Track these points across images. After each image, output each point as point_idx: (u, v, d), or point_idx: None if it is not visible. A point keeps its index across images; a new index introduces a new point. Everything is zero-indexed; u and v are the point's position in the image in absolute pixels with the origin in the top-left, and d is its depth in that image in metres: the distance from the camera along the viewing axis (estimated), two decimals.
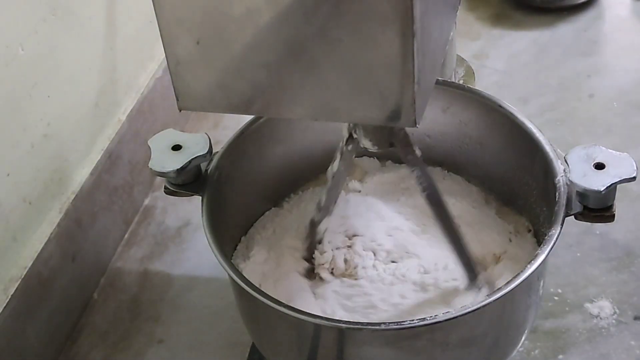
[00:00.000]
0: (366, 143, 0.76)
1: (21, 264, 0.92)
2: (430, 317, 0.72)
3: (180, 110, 0.71)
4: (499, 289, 0.73)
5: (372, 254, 0.87)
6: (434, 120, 0.93)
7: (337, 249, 0.88)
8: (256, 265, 0.89)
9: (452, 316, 0.71)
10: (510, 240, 0.90)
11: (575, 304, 0.96)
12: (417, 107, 0.64)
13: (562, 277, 0.98)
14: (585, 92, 1.24)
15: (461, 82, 1.21)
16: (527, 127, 0.86)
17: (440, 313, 0.72)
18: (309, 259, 0.88)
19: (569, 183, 0.79)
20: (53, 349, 0.97)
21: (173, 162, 0.83)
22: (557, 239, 0.75)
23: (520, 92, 1.24)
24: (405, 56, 0.61)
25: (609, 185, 0.76)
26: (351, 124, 0.76)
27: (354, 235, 0.89)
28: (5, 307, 0.88)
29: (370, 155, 0.98)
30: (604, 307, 0.95)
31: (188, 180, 0.85)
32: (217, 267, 0.78)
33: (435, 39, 0.69)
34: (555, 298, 0.97)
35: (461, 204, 0.93)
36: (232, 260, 0.86)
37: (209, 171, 0.85)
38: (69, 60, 0.97)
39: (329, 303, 0.84)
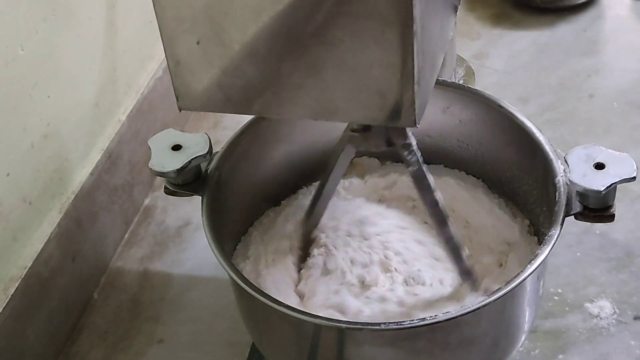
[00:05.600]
0: (365, 145, 0.76)
1: (21, 264, 0.92)
2: (430, 317, 0.72)
3: (180, 110, 0.71)
4: (499, 289, 0.73)
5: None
6: (434, 120, 0.93)
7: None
8: (254, 264, 0.89)
9: (452, 316, 0.71)
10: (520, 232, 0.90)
11: (575, 304, 0.96)
12: (417, 107, 0.64)
13: (562, 277, 0.98)
14: (585, 92, 1.24)
15: (461, 82, 1.21)
16: (527, 127, 0.86)
17: (440, 313, 0.72)
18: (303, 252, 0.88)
19: (569, 183, 0.79)
20: (53, 349, 0.97)
21: (173, 162, 0.83)
22: (557, 239, 0.75)
23: (520, 92, 1.24)
24: (405, 56, 0.62)
25: (609, 185, 0.76)
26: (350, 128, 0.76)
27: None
28: (5, 307, 0.88)
29: (370, 155, 0.98)
30: (604, 307, 0.95)
31: (188, 180, 0.85)
32: (217, 267, 0.78)
33: (435, 39, 0.69)
34: (555, 298, 0.97)
35: (468, 192, 0.93)
36: (232, 260, 0.86)
37: (209, 171, 0.85)
38: (69, 60, 0.97)
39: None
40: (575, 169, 0.78)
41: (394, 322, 0.73)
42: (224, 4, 0.63)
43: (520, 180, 0.91)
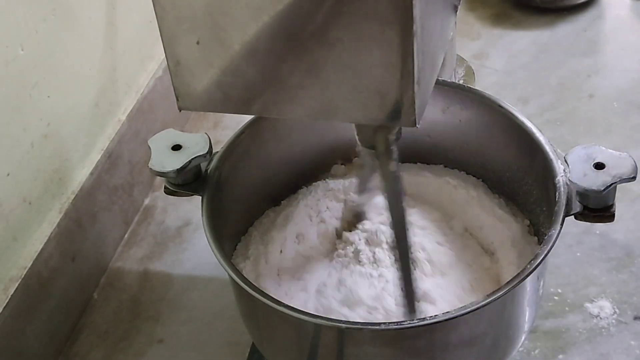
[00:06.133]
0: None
1: (21, 264, 0.92)
2: (430, 317, 0.72)
3: (180, 110, 0.71)
4: (499, 289, 0.73)
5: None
6: (434, 120, 0.93)
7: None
8: (254, 264, 0.89)
9: (452, 316, 0.71)
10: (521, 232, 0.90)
11: (575, 304, 0.96)
12: (417, 107, 0.64)
13: (562, 277, 0.99)
14: (585, 92, 1.24)
15: (461, 82, 1.21)
16: (527, 127, 0.86)
17: (440, 313, 0.72)
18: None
19: (569, 183, 0.79)
20: (53, 349, 0.97)
21: (173, 162, 0.83)
22: (556, 238, 0.75)
23: (520, 92, 1.24)
24: (405, 56, 0.61)
25: (609, 185, 0.76)
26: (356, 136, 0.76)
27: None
28: (5, 307, 0.88)
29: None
30: (604, 307, 0.95)
31: (188, 180, 0.85)
32: (217, 267, 0.78)
33: (435, 39, 0.69)
34: (555, 298, 0.97)
35: (468, 192, 0.94)
36: (232, 260, 0.86)
37: (209, 171, 0.85)
38: (69, 60, 0.97)
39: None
40: (575, 169, 0.78)
41: (394, 322, 0.73)
42: (224, 4, 0.63)
43: (520, 180, 0.91)
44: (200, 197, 0.83)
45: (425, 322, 0.71)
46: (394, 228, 0.78)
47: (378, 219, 0.90)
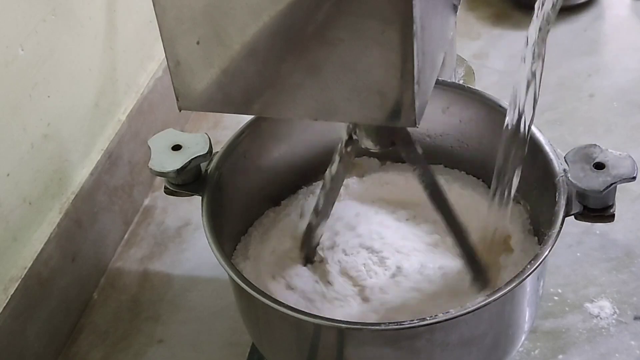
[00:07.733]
0: (367, 143, 0.76)
1: (21, 264, 0.92)
2: (430, 317, 0.72)
3: (180, 110, 0.71)
4: (499, 289, 0.73)
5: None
6: (434, 120, 0.93)
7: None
8: (254, 264, 0.89)
9: (452, 316, 0.71)
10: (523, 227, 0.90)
11: (575, 304, 0.96)
12: (417, 107, 0.64)
13: (562, 277, 0.99)
14: (585, 91, 1.24)
15: (461, 82, 1.21)
16: None
17: (440, 313, 0.72)
18: (308, 261, 0.88)
19: (569, 183, 0.79)
20: (53, 349, 0.97)
21: (173, 162, 0.83)
22: (556, 238, 0.75)
23: None
24: (405, 56, 0.62)
25: (608, 185, 0.76)
26: (351, 125, 0.77)
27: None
28: (5, 307, 0.88)
29: (370, 155, 0.98)
30: (604, 307, 0.95)
31: (188, 180, 0.85)
32: (217, 267, 0.78)
33: (435, 39, 0.69)
34: (555, 298, 0.97)
35: (468, 192, 0.94)
36: (232, 260, 0.86)
37: (209, 171, 0.85)
38: (69, 60, 0.97)
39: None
40: (575, 169, 0.78)
41: (394, 322, 0.73)
42: (224, 4, 0.63)
43: (520, 180, 0.90)
44: (200, 197, 0.83)
45: (425, 322, 0.71)
46: (436, 202, 0.81)
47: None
